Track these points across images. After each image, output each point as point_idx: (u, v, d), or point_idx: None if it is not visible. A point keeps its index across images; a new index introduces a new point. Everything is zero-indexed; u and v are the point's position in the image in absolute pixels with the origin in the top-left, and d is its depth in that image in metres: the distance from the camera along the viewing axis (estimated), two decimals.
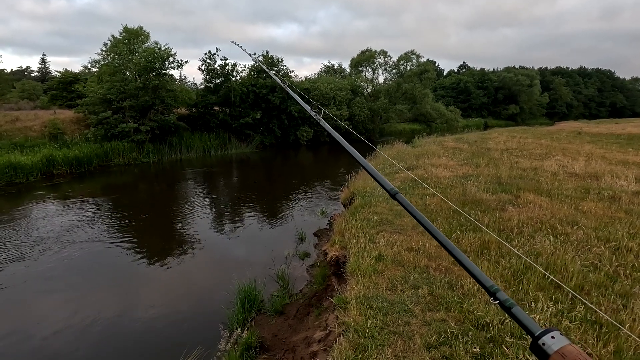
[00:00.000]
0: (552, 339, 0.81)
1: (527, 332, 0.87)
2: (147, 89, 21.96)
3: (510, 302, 0.93)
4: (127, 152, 20.63)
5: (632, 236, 4.44)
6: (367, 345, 2.59)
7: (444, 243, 1.13)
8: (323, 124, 2.02)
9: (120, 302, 6.20)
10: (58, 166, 17.23)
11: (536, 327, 0.85)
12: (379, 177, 1.42)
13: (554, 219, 5.12)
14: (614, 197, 6.37)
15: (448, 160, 11.49)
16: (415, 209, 1.25)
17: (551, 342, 0.80)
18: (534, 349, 0.83)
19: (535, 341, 0.83)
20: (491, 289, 0.97)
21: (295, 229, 9.23)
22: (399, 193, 1.33)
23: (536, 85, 63.46)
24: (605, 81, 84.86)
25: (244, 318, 5.36)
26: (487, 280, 1.00)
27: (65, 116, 22.19)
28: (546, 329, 0.84)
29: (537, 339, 0.83)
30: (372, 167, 1.49)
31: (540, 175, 8.34)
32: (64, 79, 27.12)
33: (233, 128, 27.30)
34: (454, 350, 2.48)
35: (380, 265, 3.81)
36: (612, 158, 11.47)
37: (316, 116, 2.05)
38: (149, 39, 23.38)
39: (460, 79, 63.50)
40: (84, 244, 8.59)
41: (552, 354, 0.79)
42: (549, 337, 0.81)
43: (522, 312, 0.91)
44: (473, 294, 3.17)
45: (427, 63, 42.33)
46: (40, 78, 46.07)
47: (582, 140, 18.72)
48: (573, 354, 0.77)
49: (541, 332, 0.83)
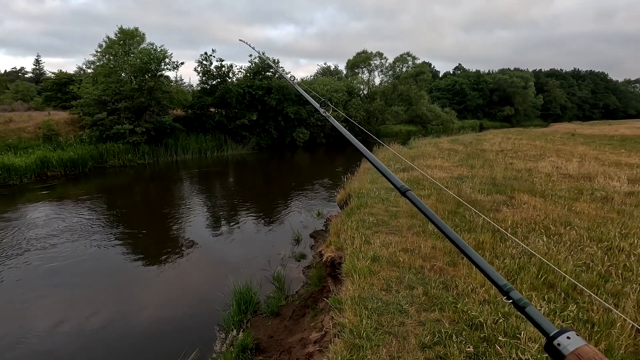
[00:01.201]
0: (567, 339, 0.78)
1: (542, 332, 0.84)
2: (143, 90, 21.88)
3: (524, 302, 0.91)
4: (122, 153, 20.53)
5: (624, 236, 4.50)
6: (362, 346, 2.60)
7: (455, 241, 1.10)
8: (332, 121, 1.99)
9: (115, 304, 6.16)
10: (52, 168, 17.12)
11: (551, 327, 0.83)
12: (389, 174, 1.39)
13: (547, 219, 5.17)
14: (606, 198, 6.44)
15: (443, 161, 11.55)
16: (425, 206, 1.22)
17: (567, 342, 0.78)
18: (549, 350, 0.80)
19: (550, 341, 0.80)
20: (504, 288, 0.95)
21: (291, 230, 9.23)
22: (409, 190, 1.31)
23: (531, 87, 64.00)
24: (599, 83, 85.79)
25: (239, 320, 5.35)
26: (500, 279, 0.97)
27: (59, 117, 22.04)
28: (562, 329, 0.81)
29: (552, 339, 0.80)
30: (381, 163, 1.48)
31: (535, 177, 8.42)
32: (58, 80, 26.94)
33: (229, 129, 27.25)
34: (448, 350, 2.49)
35: (376, 266, 3.83)
36: (605, 159, 11.60)
37: (325, 113, 2.03)
38: (144, 40, 23.31)
39: (455, 80, 63.89)
40: (79, 245, 8.53)
41: (568, 355, 0.76)
42: (565, 337, 0.79)
43: (537, 312, 0.89)
44: (467, 294, 3.19)
45: (423, 65, 42.58)
46: (35, 79, 45.69)
47: (576, 141, 18.90)
48: (589, 355, 0.74)
49: (556, 333, 0.81)
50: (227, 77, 28.30)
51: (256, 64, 29.95)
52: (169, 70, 23.21)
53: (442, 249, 4.23)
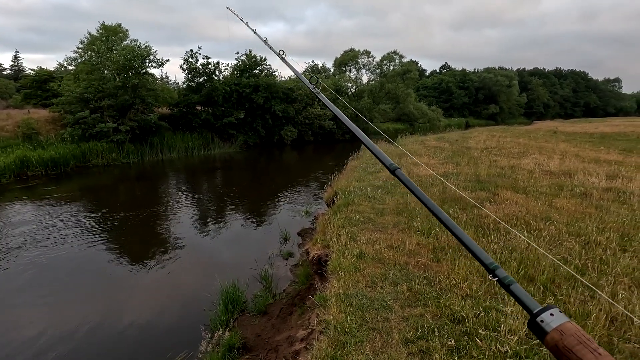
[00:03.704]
0: (550, 316, 0.79)
1: (526, 309, 0.84)
2: (127, 88, 21.46)
3: (509, 279, 0.90)
4: (106, 152, 20.11)
5: (601, 231, 4.64)
6: (346, 342, 2.62)
7: (444, 220, 1.10)
8: (321, 97, 1.94)
9: (99, 307, 6.04)
10: (32, 167, 16.66)
11: (535, 305, 0.83)
12: (379, 153, 1.40)
13: (528, 215, 5.30)
14: (585, 194, 6.63)
15: (430, 159, 11.69)
16: (415, 185, 1.22)
17: (550, 319, 0.79)
18: (532, 327, 0.81)
19: (534, 318, 0.81)
20: (490, 266, 0.95)
21: (279, 229, 9.21)
22: (398, 169, 1.31)
23: (515, 86, 65.31)
24: (580, 82, 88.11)
25: (227, 319, 5.33)
26: (486, 258, 0.97)
27: (39, 116, 21.43)
28: (545, 306, 0.82)
29: (536, 317, 0.81)
30: (372, 143, 1.49)
31: (517, 173, 8.60)
32: (38, 77, 26.17)
33: (216, 128, 26.98)
34: (431, 344, 2.54)
35: (361, 263, 3.86)
36: (585, 156, 11.93)
37: (314, 89, 1.96)
38: (127, 36, 22.86)
39: (442, 79, 64.66)
40: (61, 247, 8.33)
41: (550, 331, 0.77)
42: (548, 314, 0.80)
43: (521, 290, 0.88)
44: (450, 289, 3.26)
45: (410, 63, 42.98)
46: (13, 76, 44.17)
47: (558, 139, 19.38)
48: (572, 331, 0.75)
49: (540, 310, 0.81)
50: (214, 75, 27.99)
51: (243, 62, 29.70)
52: (153, 67, 22.86)
53: (427, 245, 4.30)
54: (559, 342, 0.75)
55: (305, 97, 31.27)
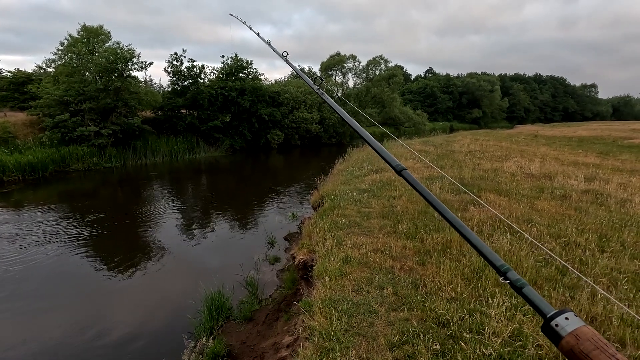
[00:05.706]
0: (565, 320, 0.76)
1: (539, 313, 0.81)
2: (109, 91, 21.00)
3: (521, 282, 0.87)
4: (87, 156, 19.60)
5: (581, 232, 4.75)
6: (332, 348, 2.59)
7: (451, 220, 1.07)
8: (326, 98, 1.92)
9: (78, 317, 5.84)
10: (9, 172, 16.09)
11: (549, 308, 0.80)
12: (385, 154, 1.37)
13: (511, 217, 5.39)
14: (565, 196, 6.80)
15: (415, 162, 11.81)
16: (422, 185, 1.20)
17: (565, 323, 0.75)
18: (547, 331, 0.78)
19: (548, 322, 0.77)
20: (502, 269, 0.92)
21: (265, 234, 9.12)
22: (405, 169, 1.29)
23: (497, 91, 66.97)
24: (558, 87, 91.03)
25: (211, 326, 5.23)
26: (497, 260, 0.94)
27: (16, 119, 20.77)
28: (560, 310, 0.78)
29: (550, 320, 0.77)
30: (377, 143, 1.45)
31: (500, 176, 8.76)
32: (15, 79, 25.34)
33: (201, 131, 26.67)
34: (416, 348, 2.53)
35: (347, 267, 3.84)
36: (564, 159, 12.27)
37: (319, 90, 1.95)
38: (110, 38, 22.42)
39: (426, 83, 65.78)
40: (38, 256, 8.03)
41: (566, 336, 0.74)
42: (563, 318, 0.76)
43: (534, 292, 0.85)
44: (435, 292, 3.26)
45: (395, 68, 43.53)
46: None
47: (538, 142, 19.91)
48: (588, 336, 0.72)
49: (554, 313, 0.78)
50: (199, 78, 27.70)
51: (229, 65, 29.50)
52: (137, 70, 22.42)
53: (412, 249, 4.31)
54: (575, 347, 0.72)
55: (291, 100, 31.26)
